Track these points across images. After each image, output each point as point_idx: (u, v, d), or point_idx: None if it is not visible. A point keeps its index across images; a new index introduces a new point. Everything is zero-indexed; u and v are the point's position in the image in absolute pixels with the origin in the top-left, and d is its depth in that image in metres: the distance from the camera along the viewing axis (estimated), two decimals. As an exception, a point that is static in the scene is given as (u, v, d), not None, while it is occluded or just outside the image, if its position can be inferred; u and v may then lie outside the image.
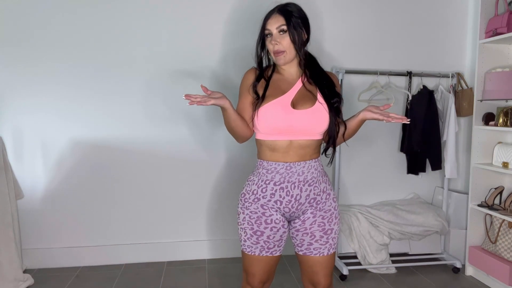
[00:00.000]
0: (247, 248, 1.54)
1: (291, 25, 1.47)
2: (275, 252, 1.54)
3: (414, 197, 3.16)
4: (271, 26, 1.49)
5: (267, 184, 1.51)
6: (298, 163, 1.48)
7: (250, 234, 1.51)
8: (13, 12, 2.65)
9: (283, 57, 1.50)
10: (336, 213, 1.56)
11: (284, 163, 1.48)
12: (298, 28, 1.48)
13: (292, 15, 1.48)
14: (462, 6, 3.11)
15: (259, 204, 1.51)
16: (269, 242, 1.51)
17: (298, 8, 1.53)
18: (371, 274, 2.78)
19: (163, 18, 2.79)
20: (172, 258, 2.96)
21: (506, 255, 2.53)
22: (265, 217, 1.50)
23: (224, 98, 1.51)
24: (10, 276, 2.46)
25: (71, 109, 2.76)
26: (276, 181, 1.49)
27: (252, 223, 1.51)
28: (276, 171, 1.49)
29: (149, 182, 2.89)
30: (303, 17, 1.51)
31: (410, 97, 2.91)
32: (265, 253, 1.52)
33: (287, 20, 1.47)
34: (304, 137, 1.48)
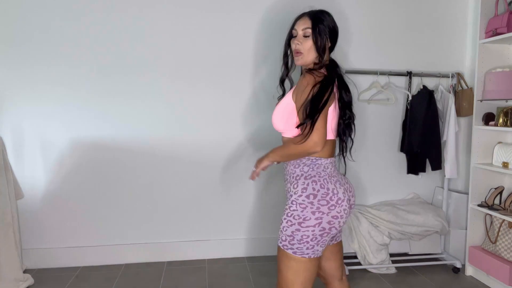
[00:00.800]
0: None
1: (316, 30, 1.54)
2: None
3: (414, 197, 3.16)
4: (298, 27, 1.58)
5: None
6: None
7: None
8: (13, 12, 2.65)
9: (301, 58, 1.57)
10: (289, 213, 1.51)
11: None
12: (323, 35, 1.55)
13: (320, 21, 1.55)
14: (462, 6, 3.11)
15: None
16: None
17: (329, 17, 1.60)
18: (371, 274, 2.78)
19: (162, 19, 2.79)
20: (172, 258, 2.96)
21: (506, 255, 2.53)
22: None
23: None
24: (10, 276, 2.46)
25: (71, 109, 2.76)
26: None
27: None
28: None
29: (149, 182, 2.89)
30: (330, 26, 1.58)
31: (410, 97, 2.91)
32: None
33: (313, 24, 1.55)
34: (282, 134, 1.64)
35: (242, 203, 3.01)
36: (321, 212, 1.48)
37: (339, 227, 1.53)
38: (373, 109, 3.04)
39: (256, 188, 3.00)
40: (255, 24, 2.88)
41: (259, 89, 2.92)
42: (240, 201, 3.00)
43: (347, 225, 2.87)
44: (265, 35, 2.88)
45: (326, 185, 1.52)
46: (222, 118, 2.91)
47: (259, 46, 2.89)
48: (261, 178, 2.93)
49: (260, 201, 3.00)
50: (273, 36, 2.86)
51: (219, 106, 2.90)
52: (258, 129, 2.92)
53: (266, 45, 2.88)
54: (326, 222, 1.48)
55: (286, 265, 1.52)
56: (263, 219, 3.04)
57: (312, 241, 1.48)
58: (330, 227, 1.49)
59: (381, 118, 3.07)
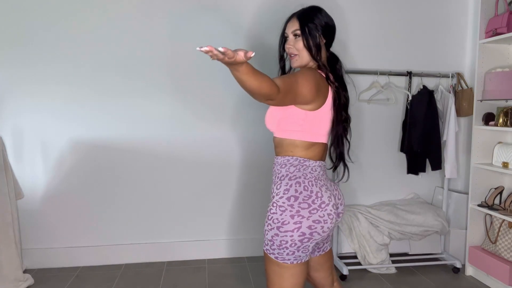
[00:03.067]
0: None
1: (305, 30, 1.49)
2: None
3: (414, 197, 3.16)
4: (288, 30, 1.54)
5: None
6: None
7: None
8: (13, 12, 2.65)
9: (296, 60, 1.53)
10: (269, 216, 1.43)
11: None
12: (313, 33, 1.49)
13: (309, 21, 1.49)
14: (462, 6, 3.11)
15: None
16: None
17: (319, 13, 1.53)
18: (371, 274, 2.78)
19: (162, 18, 2.79)
20: (172, 258, 2.96)
21: (506, 255, 2.53)
22: None
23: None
24: (10, 276, 2.46)
25: (71, 109, 2.76)
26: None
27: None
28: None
29: (149, 182, 2.89)
30: (322, 23, 1.51)
31: (410, 97, 2.91)
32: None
33: (301, 25, 1.49)
34: (274, 134, 1.57)
35: (242, 203, 3.01)
36: (301, 216, 1.38)
37: (323, 233, 1.41)
38: (373, 109, 3.04)
39: (256, 188, 3.00)
40: (246, 23, 2.88)
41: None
42: (240, 201, 3.00)
43: (347, 225, 2.87)
44: (257, 32, 2.88)
45: (310, 187, 1.43)
46: (222, 118, 2.91)
47: (254, 43, 2.89)
48: (261, 178, 2.94)
49: (260, 201, 3.00)
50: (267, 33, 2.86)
51: (219, 106, 2.90)
52: (258, 129, 2.92)
53: (260, 42, 2.89)
54: (306, 227, 1.37)
55: (271, 269, 1.45)
56: (263, 219, 3.03)
57: (292, 247, 1.38)
58: (311, 232, 1.38)
59: (381, 118, 3.07)
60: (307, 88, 1.37)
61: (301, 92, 1.36)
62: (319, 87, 1.41)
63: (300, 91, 1.35)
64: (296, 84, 1.34)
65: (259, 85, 1.20)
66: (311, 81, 1.39)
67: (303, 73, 1.41)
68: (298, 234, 1.37)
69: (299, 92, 1.35)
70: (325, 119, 1.49)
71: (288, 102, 1.38)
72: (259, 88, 1.21)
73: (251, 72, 1.18)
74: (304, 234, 1.38)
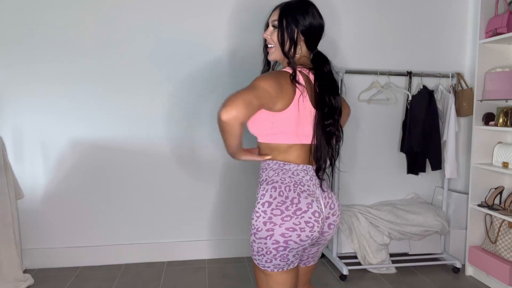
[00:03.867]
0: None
1: (282, 23, 1.39)
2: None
3: (414, 197, 3.16)
4: (270, 19, 1.45)
5: None
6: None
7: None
8: (13, 11, 2.65)
9: (272, 52, 1.45)
10: (251, 222, 1.37)
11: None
12: (291, 28, 1.38)
13: (289, 14, 1.39)
14: (462, 6, 3.11)
15: None
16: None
17: (304, 8, 1.40)
18: (371, 274, 2.78)
19: (165, 17, 2.79)
20: (172, 258, 2.96)
21: (506, 255, 2.53)
22: None
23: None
24: (10, 276, 2.46)
25: (71, 109, 2.76)
26: None
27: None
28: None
29: (149, 182, 2.89)
30: (303, 19, 1.39)
31: (410, 97, 2.91)
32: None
33: (280, 17, 1.40)
34: (258, 139, 1.47)
35: (242, 203, 3.01)
36: (273, 223, 1.29)
37: (301, 241, 1.30)
38: (373, 109, 3.04)
39: (256, 189, 2.99)
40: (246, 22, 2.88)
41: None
42: (240, 201, 3.00)
43: (347, 225, 2.87)
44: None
45: (286, 192, 1.33)
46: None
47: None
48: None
49: (260, 201, 3.00)
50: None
51: (218, 107, 2.90)
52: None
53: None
54: (278, 235, 1.28)
55: (257, 275, 1.40)
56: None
57: (268, 254, 1.31)
58: (285, 241, 1.29)
59: (381, 118, 3.07)
60: (268, 84, 1.28)
61: (263, 89, 1.27)
62: (280, 85, 1.30)
63: (262, 91, 1.27)
64: (253, 89, 1.27)
65: (221, 131, 1.34)
66: (269, 78, 1.31)
67: (263, 74, 1.36)
68: (271, 242, 1.30)
69: (261, 93, 1.26)
70: (298, 119, 1.35)
71: (253, 111, 1.27)
72: (222, 132, 1.35)
73: (226, 143, 1.41)
74: (278, 242, 1.29)
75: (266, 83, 1.28)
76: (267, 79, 1.31)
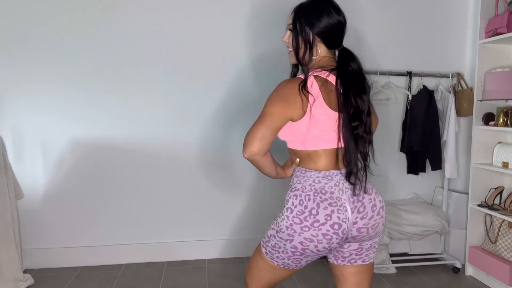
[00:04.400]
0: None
1: (296, 26, 1.38)
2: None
3: (414, 197, 3.16)
4: (288, 22, 1.44)
5: None
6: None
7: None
8: (12, 11, 2.65)
9: (291, 56, 1.44)
10: (277, 217, 1.40)
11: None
12: (304, 31, 1.36)
13: (302, 15, 1.36)
14: (462, 6, 3.11)
15: None
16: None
17: (320, 7, 1.36)
18: (371, 274, 2.78)
19: (163, 18, 2.79)
20: (172, 258, 2.96)
21: (506, 255, 2.53)
22: None
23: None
24: (10, 276, 2.46)
25: (71, 109, 2.76)
26: None
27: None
28: None
29: (149, 182, 2.89)
30: (319, 20, 1.36)
31: (410, 97, 2.91)
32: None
33: (293, 19, 1.39)
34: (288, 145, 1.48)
35: (242, 203, 3.01)
36: (293, 230, 1.31)
37: (318, 251, 1.32)
38: (373, 109, 3.03)
39: (257, 189, 3.00)
40: (246, 22, 2.88)
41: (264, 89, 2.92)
42: (240, 201, 3.00)
43: (347, 225, 2.87)
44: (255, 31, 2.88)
45: (306, 202, 1.31)
46: (222, 118, 2.91)
47: (253, 44, 2.89)
48: (263, 179, 2.93)
49: (260, 201, 3.00)
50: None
51: (220, 107, 2.90)
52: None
53: (259, 42, 2.88)
54: (298, 242, 1.31)
55: (255, 259, 1.47)
56: (263, 219, 3.03)
57: (284, 253, 1.36)
58: (303, 248, 1.32)
59: (381, 118, 3.03)
60: (276, 108, 1.31)
61: (271, 115, 1.31)
62: (287, 101, 1.31)
63: (270, 118, 1.32)
64: (263, 119, 1.32)
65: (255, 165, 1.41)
66: (276, 100, 1.33)
67: (269, 96, 1.37)
68: (290, 245, 1.33)
69: (272, 120, 1.31)
70: (309, 127, 1.32)
71: (271, 138, 1.34)
72: (255, 165, 1.41)
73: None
74: (296, 248, 1.32)
75: (275, 107, 1.32)
76: (274, 103, 1.33)
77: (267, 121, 1.32)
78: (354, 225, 1.33)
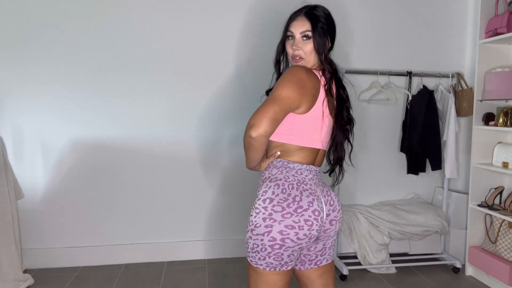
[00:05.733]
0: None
1: (316, 32, 1.37)
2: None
3: (414, 197, 3.16)
4: (295, 29, 1.40)
5: None
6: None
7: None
8: (12, 12, 2.65)
9: (301, 64, 1.41)
10: (248, 218, 1.37)
11: None
12: (324, 36, 1.38)
13: (319, 21, 1.37)
14: (462, 6, 3.11)
15: None
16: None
17: (326, 13, 1.41)
18: (371, 274, 2.78)
19: (162, 19, 2.79)
20: (172, 258, 2.96)
21: (506, 255, 2.53)
22: None
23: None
24: (10, 276, 2.46)
25: (71, 109, 2.76)
26: None
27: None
28: None
29: (149, 182, 2.89)
30: (330, 24, 1.41)
31: (410, 97, 2.91)
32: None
33: (313, 26, 1.37)
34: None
35: (242, 203, 3.00)
36: (272, 220, 1.29)
37: (298, 240, 1.30)
38: (373, 109, 3.04)
39: (257, 189, 2.99)
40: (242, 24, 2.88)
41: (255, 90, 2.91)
42: (240, 201, 2.99)
43: (347, 225, 2.87)
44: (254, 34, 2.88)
45: (289, 190, 1.34)
46: (223, 118, 2.91)
47: (250, 46, 2.89)
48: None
49: (260, 201, 3.00)
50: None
51: (220, 107, 2.90)
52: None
53: (254, 45, 2.88)
54: (277, 232, 1.29)
55: (249, 273, 1.40)
56: (263, 219, 3.04)
57: (263, 251, 1.31)
58: (282, 238, 1.29)
59: (381, 118, 3.07)
60: (290, 90, 1.29)
61: (285, 98, 1.28)
62: (303, 85, 1.31)
63: (285, 100, 1.29)
64: (276, 101, 1.28)
65: (247, 148, 1.37)
66: (291, 83, 1.31)
67: (282, 78, 1.34)
68: (268, 238, 1.30)
69: (285, 103, 1.29)
70: (318, 123, 1.38)
71: (279, 123, 1.31)
72: (248, 148, 1.36)
73: (248, 160, 1.46)
74: (275, 239, 1.29)
75: (289, 90, 1.29)
76: (289, 85, 1.30)
77: (281, 104, 1.28)
78: (328, 217, 1.41)
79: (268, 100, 1.29)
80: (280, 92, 1.29)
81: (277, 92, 1.29)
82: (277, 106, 1.27)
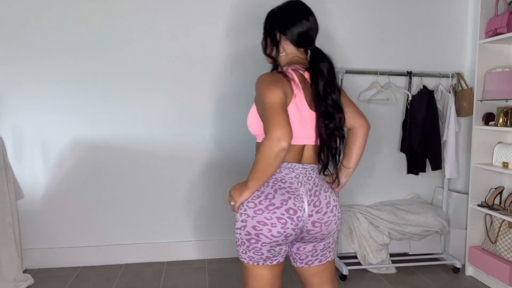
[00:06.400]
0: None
1: (265, 26, 1.49)
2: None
3: (414, 197, 3.16)
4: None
5: None
6: None
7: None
8: (12, 10, 2.65)
9: (273, 66, 1.53)
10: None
11: None
12: (271, 30, 1.46)
13: (268, 16, 1.49)
14: (462, 6, 3.11)
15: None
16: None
17: (285, 8, 1.47)
18: (371, 274, 2.78)
19: (163, 19, 2.79)
20: (172, 258, 2.96)
21: (506, 255, 2.53)
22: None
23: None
24: (10, 276, 2.46)
25: (71, 109, 2.76)
26: None
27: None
28: None
29: (149, 182, 2.89)
30: (265, 23, 1.49)
31: (410, 97, 2.91)
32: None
33: (264, 22, 1.51)
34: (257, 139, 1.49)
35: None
36: (246, 215, 1.35)
37: (272, 237, 1.31)
38: (373, 109, 3.04)
39: (256, 188, 3.00)
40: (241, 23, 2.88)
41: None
42: (240, 201, 3.00)
43: (347, 225, 2.87)
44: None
45: (263, 188, 1.35)
46: (223, 118, 2.92)
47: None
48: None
49: (260, 201, 3.00)
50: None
51: (221, 107, 2.90)
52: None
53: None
54: (251, 227, 1.33)
55: (241, 266, 1.45)
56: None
57: (242, 245, 1.37)
58: (257, 234, 1.32)
59: (381, 118, 3.07)
60: (275, 94, 1.28)
61: (276, 99, 1.27)
62: (274, 83, 1.31)
63: (277, 104, 1.27)
64: (275, 109, 1.26)
65: (267, 165, 1.27)
66: (263, 85, 1.31)
67: (258, 90, 1.33)
68: (244, 232, 1.35)
69: (278, 103, 1.27)
70: (298, 119, 1.34)
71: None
72: (269, 165, 1.27)
73: (259, 179, 1.32)
74: (250, 234, 1.34)
75: (271, 92, 1.28)
76: (267, 88, 1.29)
77: (280, 105, 1.26)
78: (310, 217, 1.36)
79: (268, 111, 1.26)
80: (269, 99, 1.27)
81: (267, 101, 1.27)
82: (279, 110, 1.26)
